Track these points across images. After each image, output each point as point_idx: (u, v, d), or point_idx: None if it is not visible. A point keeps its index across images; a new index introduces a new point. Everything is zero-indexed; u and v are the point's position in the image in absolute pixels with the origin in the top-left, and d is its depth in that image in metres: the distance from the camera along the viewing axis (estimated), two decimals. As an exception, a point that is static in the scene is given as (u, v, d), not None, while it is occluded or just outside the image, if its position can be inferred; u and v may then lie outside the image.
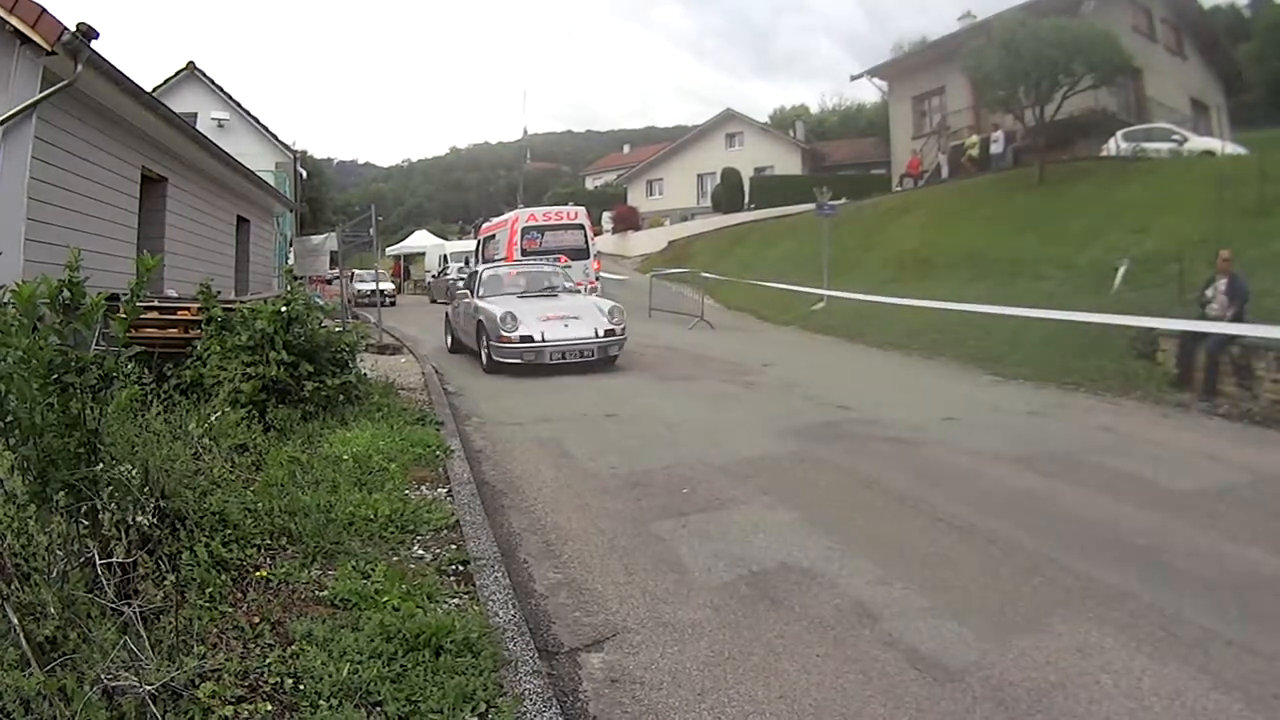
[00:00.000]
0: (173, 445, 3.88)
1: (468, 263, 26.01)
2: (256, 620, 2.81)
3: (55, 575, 2.46)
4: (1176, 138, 18.93)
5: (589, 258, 18.51)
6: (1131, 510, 4.44)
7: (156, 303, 7.09)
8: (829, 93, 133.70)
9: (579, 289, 12.03)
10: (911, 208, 20.43)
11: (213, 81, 22.85)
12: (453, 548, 3.76)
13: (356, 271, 26.38)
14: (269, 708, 2.28)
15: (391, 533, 3.89)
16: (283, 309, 5.99)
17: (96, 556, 2.58)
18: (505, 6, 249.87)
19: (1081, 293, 11.05)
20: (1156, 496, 4.71)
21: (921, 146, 27.28)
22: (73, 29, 7.12)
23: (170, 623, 2.50)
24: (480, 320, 10.42)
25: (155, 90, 16.65)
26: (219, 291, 6.65)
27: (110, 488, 2.74)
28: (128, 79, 8.54)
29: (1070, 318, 8.93)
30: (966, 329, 11.01)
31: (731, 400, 8.05)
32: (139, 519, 2.84)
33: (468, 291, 11.58)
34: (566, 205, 23.26)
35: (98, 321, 2.74)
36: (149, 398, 4.62)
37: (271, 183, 19.46)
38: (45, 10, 6.95)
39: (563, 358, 9.74)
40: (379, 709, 2.35)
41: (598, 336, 9.91)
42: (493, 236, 20.48)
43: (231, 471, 4.28)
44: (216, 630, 2.69)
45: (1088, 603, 3.28)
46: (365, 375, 7.36)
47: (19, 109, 7.09)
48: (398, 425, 6.05)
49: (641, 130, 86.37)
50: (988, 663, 2.83)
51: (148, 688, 2.11)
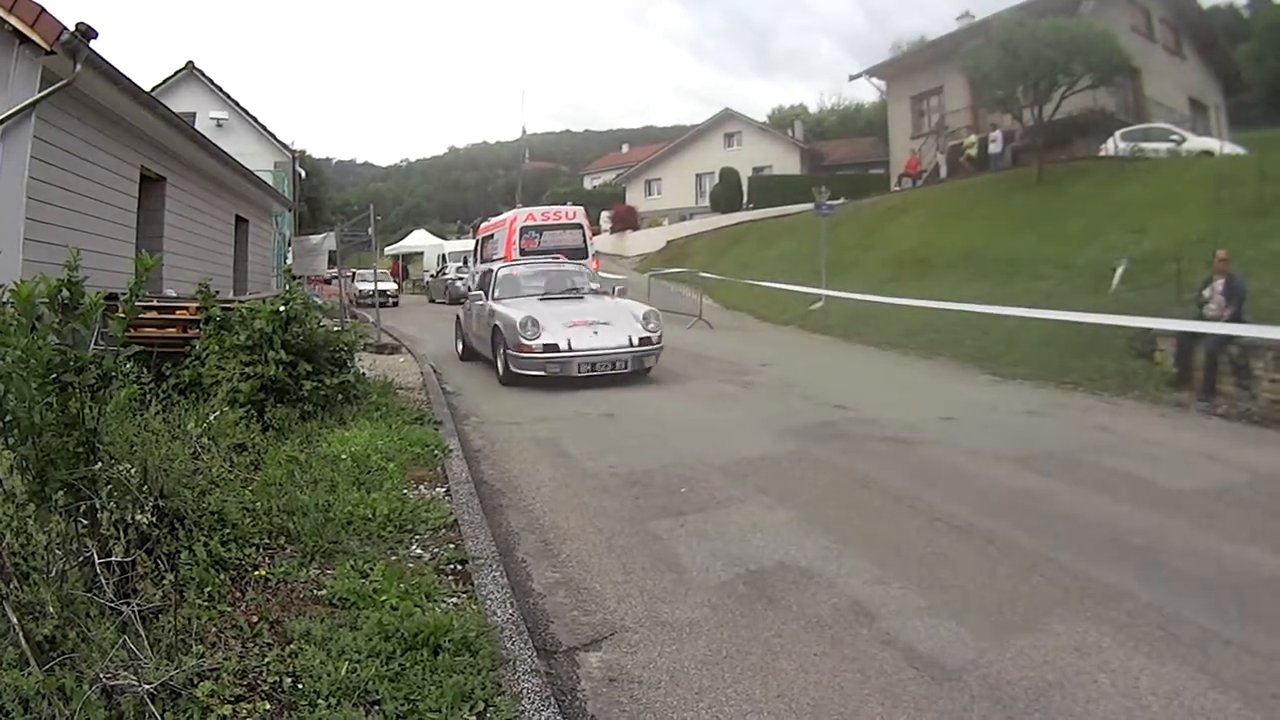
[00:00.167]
0: (171, 444, 3.89)
1: (466, 262, 26.02)
2: (255, 619, 2.81)
3: (54, 574, 2.46)
4: (1175, 138, 18.95)
5: (587, 257, 18.50)
6: (1129, 510, 4.45)
7: (155, 302, 7.08)
8: (827, 92, 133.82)
9: (606, 290, 10.82)
10: (910, 207, 20.42)
11: (211, 81, 22.87)
12: (451, 547, 3.77)
13: (358, 271, 26.01)
14: (267, 707, 2.28)
15: (390, 532, 3.89)
16: (281, 308, 5.99)
17: (95, 555, 2.59)
18: (504, 6, 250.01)
19: (1079, 292, 11.05)
20: (1154, 496, 4.71)
21: (920, 146, 27.29)
22: (72, 28, 7.12)
23: (169, 622, 2.50)
24: (496, 326, 9.37)
25: (154, 90, 16.63)
26: (217, 291, 6.66)
27: (109, 487, 2.74)
28: (127, 78, 8.54)
29: (1068, 318, 8.94)
30: (965, 328, 11.02)
31: (730, 400, 8.06)
32: (138, 518, 2.84)
33: (481, 293, 10.49)
34: (565, 205, 23.27)
35: (96, 321, 2.74)
36: (147, 397, 4.62)
37: (270, 182, 19.46)
38: (44, 10, 6.95)
39: (592, 369, 8.75)
40: (377, 708, 2.35)
41: (631, 345, 8.88)
42: (491, 236, 20.46)
43: (230, 471, 4.29)
44: (215, 629, 2.69)
45: (1085, 602, 3.29)
46: (363, 375, 7.37)
47: (18, 108, 7.09)
48: (396, 425, 6.05)
49: (640, 130, 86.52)
50: (985, 662, 2.84)
51: (146, 687, 2.11)
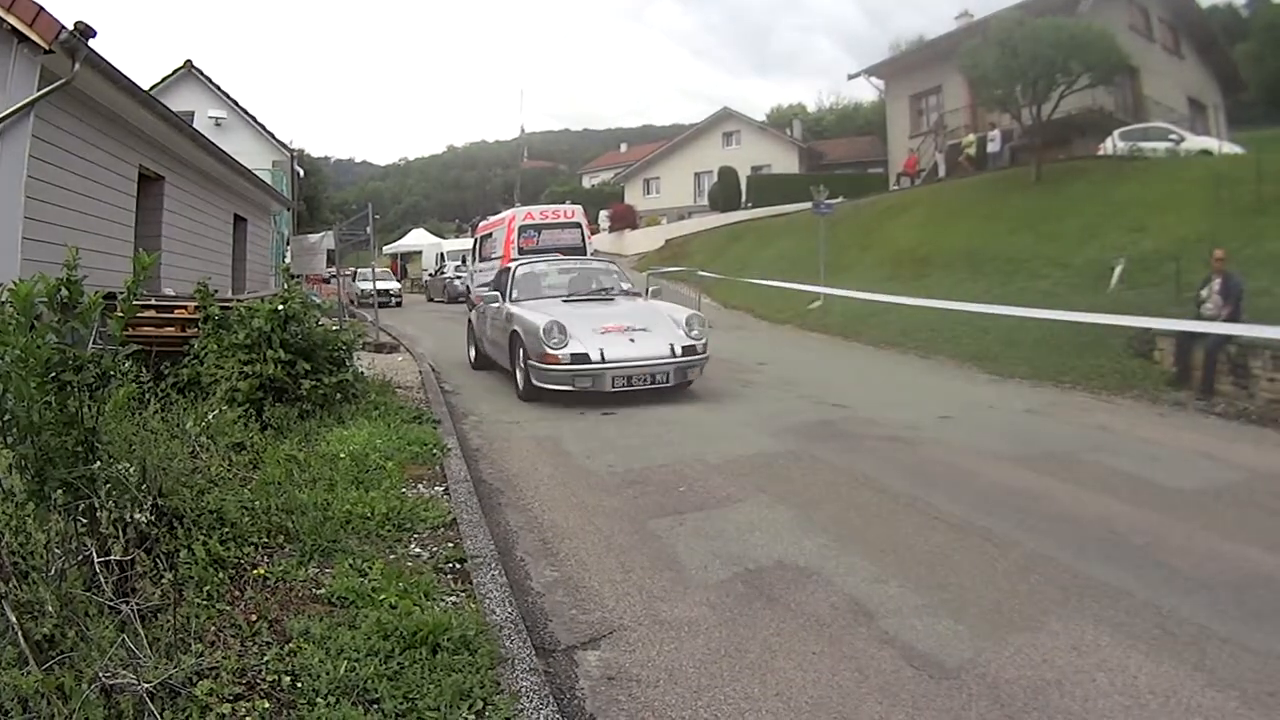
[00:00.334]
0: (170, 443, 3.89)
1: (464, 261, 26.01)
2: (254, 618, 2.81)
3: (53, 573, 2.46)
4: (1173, 137, 18.96)
5: (586, 256, 18.54)
6: (1128, 509, 4.46)
7: (154, 301, 7.08)
8: (826, 91, 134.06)
9: (638, 291, 9.75)
10: (908, 206, 20.43)
11: (210, 80, 22.84)
12: (450, 546, 3.77)
13: (359, 270, 25.20)
14: (266, 705, 2.28)
15: (388, 531, 3.89)
16: (280, 307, 5.99)
17: (94, 554, 2.59)
18: (502, 5, 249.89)
19: (1078, 292, 11.06)
20: (1153, 495, 4.72)
21: (918, 145, 27.31)
22: (70, 27, 7.12)
23: (168, 621, 2.50)
24: (515, 332, 8.20)
25: (153, 89, 16.63)
26: (216, 290, 6.66)
27: (108, 486, 2.74)
28: (125, 77, 8.53)
29: (1067, 317, 8.94)
30: (963, 328, 11.02)
31: (728, 398, 8.06)
32: (137, 517, 2.84)
33: (497, 294, 9.29)
34: (563, 204, 23.28)
35: (95, 320, 2.74)
36: (146, 396, 4.62)
37: (268, 181, 19.45)
38: (43, 9, 6.95)
39: (628, 384, 7.62)
40: (376, 706, 2.35)
41: (674, 355, 7.70)
42: (489, 235, 20.44)
43: (229, 470, 4.29)
44: (214, 628, 2.69)
45: (1084, 601, 3.29)
46: (362, 373, 7.36)
47: (16, 107, 7.08)
48: (395, 423, 6.05)
49: (638, 129, 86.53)
50: (983, 660, 2.84)
51: (145, 685, 2.11)
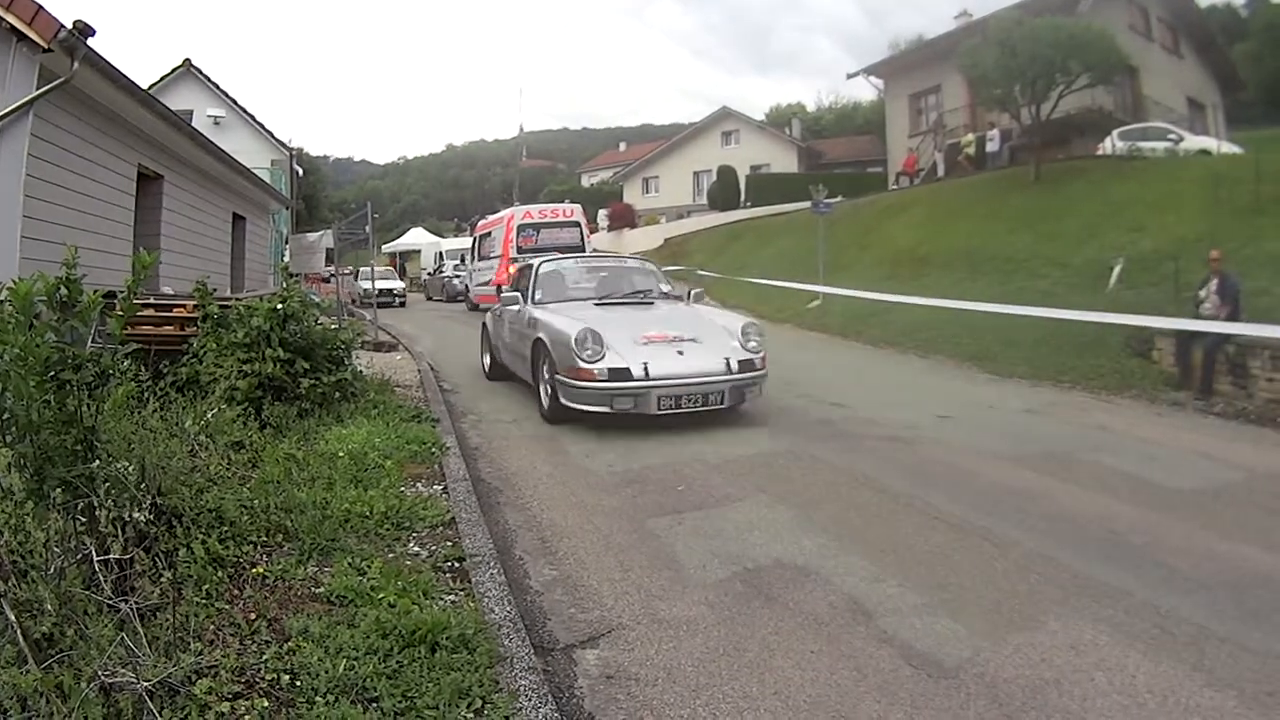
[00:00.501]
0: (169, 442, 3.88)
1: (463, 260, 26.02)
2: (253, 617, 2.81)
3: (52, 572, 2.47)
4: (1172, 137, 18.98)
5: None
6: (1126, 508, 4.46)
7: (153, 300, 7.07)
8: (825, 90, 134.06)
9: (679, 295, 8.53)
10: (907, 206, 20.42)
11: (209, 79, 22.84)
12: (448, 544, 3.77)
13: (361, 269, 24.80)
14: (265, 704, 2.29)
15: (387, 529, 3.89)
16: (279, 306, 5.99)
17: (93, 553, 2.59)
18: (501, 3, 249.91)
19: (1077, 291, 11.06)
20: (1152, 495, 4.73)
21: (918, 145, 27.31)
22: (69, 26, 7.12)
23: (167, 619, 2.51)
24: (540, 340, 6.96)
25: (151, 87, 16.65)
26: (215, 289, 6.65)
27: (107, 484, 2.74)
28: (124, 76, 8.53)
29: (1066, 316, 8.95)
30: (962, 327, 11.02)
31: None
32: (136, 516, 2.84)
33: (517, 295, 8.15)
34: (562, 203, 23.33)
35: (94, 319, 2.74)
36: (145, 395, 4.62)
37: (267, 180, 19.45)
38: (42, 7, 6.95)
39: (675, 405, 6.32)
40: (375, 705, 2.35)
41: (729, 371, 6.52)
42: (488, 234, 20.51)
43: (228, 468, 4.29)
44: (213, 627, 2.70)
45: (1082, 600, 3.30)
46: (361, 372, 7.36)
47: (15, 106, 7.08)
48: (393, 422, 6.05)
49: (637, 128, 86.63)
50: (982, 659, 2.85)
51: (145, 684, 2.12)
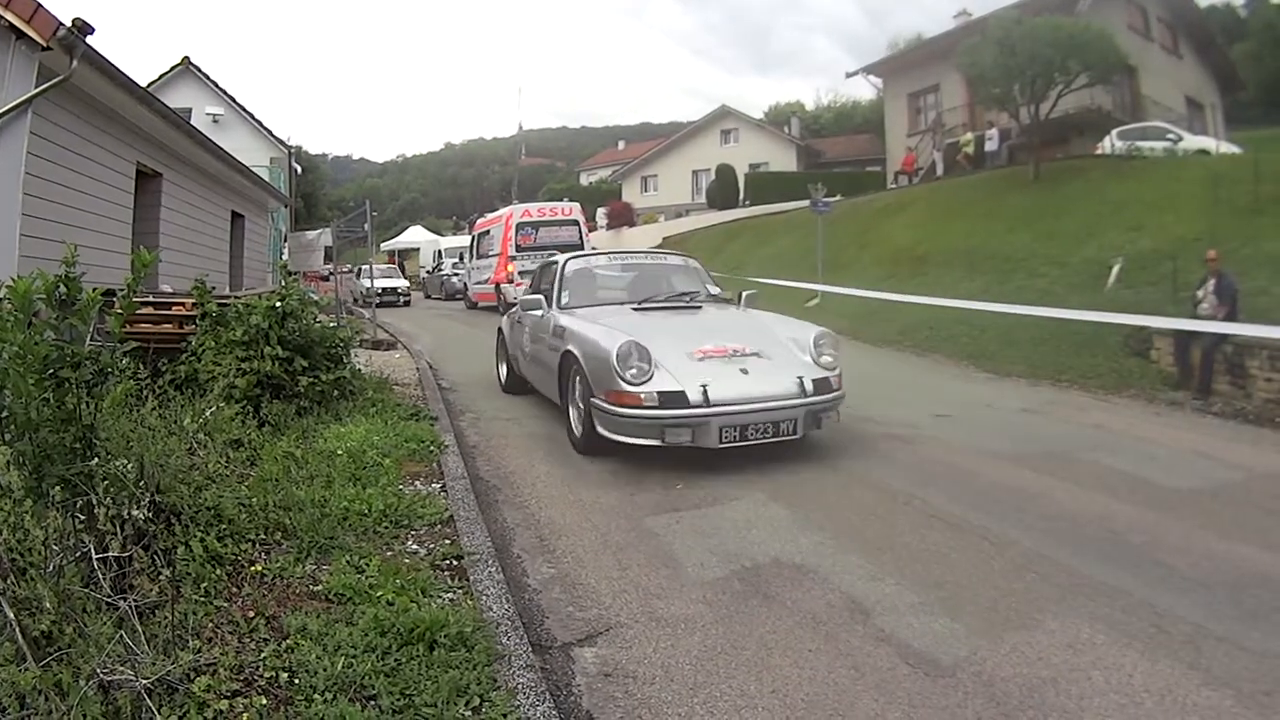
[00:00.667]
0: (168, 440, 3.89)
1: (462, 259, 26.01)
2: (251, 615, 2.82)
3: (51, 570, 2.47)
4: (1171, 136, 18.99)
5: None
6: (1125, 508, 4.47)
7: (151, 298, 7.07)
8: (824, 89, 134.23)
9: (729, 297, 7.18)
10: (906, 205, 20.42)
11: (208, 77, 22.83)
12: (447, 543, 3.77)
13: (363, 266, 25.27)
14: (264, 702, 2.29)
15: (386, 528, 3.89)
16: (277, 304, 5.99)
17: (92, 551, 2.59)
18: (501, 2, 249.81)
19: (1075, 290, 11.07)
20: (1150, 494, 4.73)
21: (916, 144, 27.31)
22: (68, 24, 7.12)
23: (166, 617, 2.51)
24: (570, 354, 5.81)
25: (150, 85, 16.63)
26: (214, 287, 6.65)
27: (106, 483, 2.75)
28: (123, 74, 8.53)
29: (1065, 315, 8.95)
30: (961, 326, 11.03)
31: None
32: (134, 513, 2.85)
33: (539, 298, 7.00)
34: (561, 201, 23.31)
35: (93, 317, 2.74)
36: (144, 393, 4.63)
37: (266, 178, 19.43)
38: (41, 5, 6.95)
39: (740, 436, 5.07)
40: (373, 703, 2.36)
41: (804, 393, 5.26)
42: (487, 232, 20.50)
43: (226, 466, 4.29)
44: (212, 625, 2.70)
45: (1080, 599, 3.30)
46: (359, 370, 7.36)
47: (14, 104, 7.08)
48: (392, 420, 6.05)
49: (636, 126, 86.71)
50: (979, 658, 2.85)
51: (143, 682, 2.12)
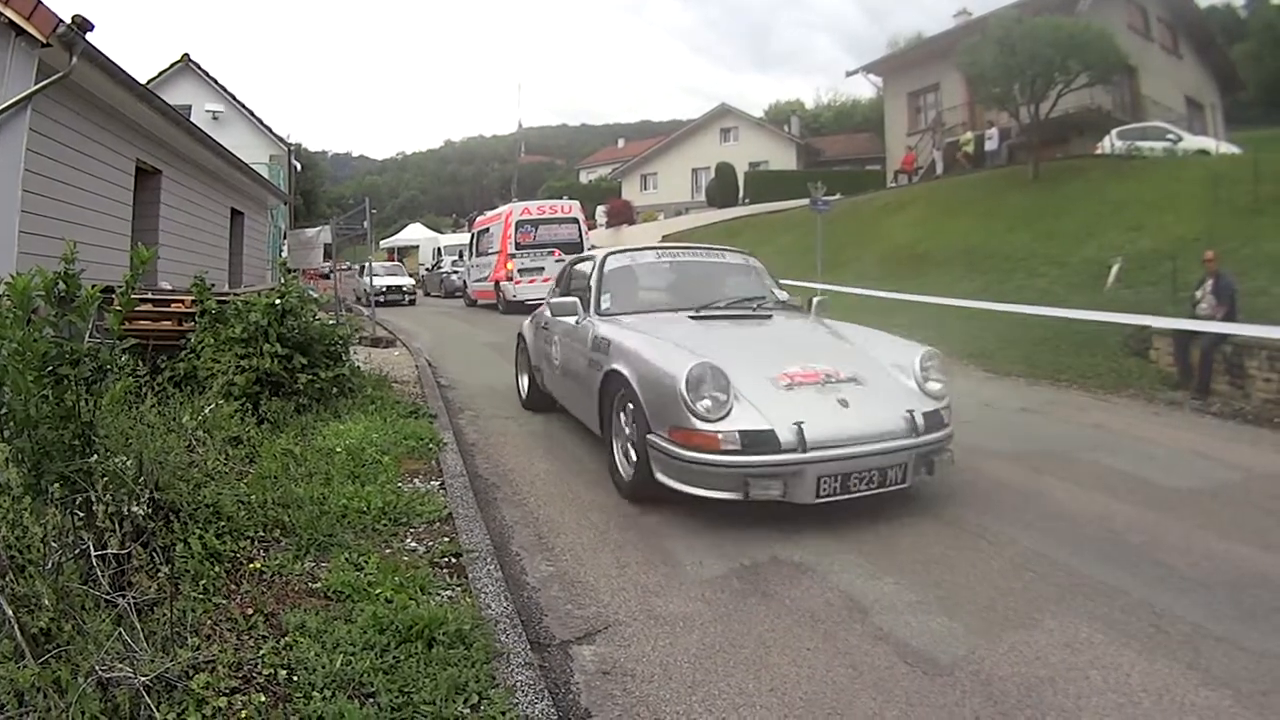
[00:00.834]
0: (166, 437, 3.88)
1: (461, 256, 25.99)
2: (250, 612, 2.82)
3: (50, 567, 2.46)
4: (1171, 136, 19.02)
5: (583, 252, 18.59)
6: (1124, 507, 4.47)
7: (150, 295, 7.07)
8: (824, 88, 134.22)
9: (798, 304, 6.11)
10: (906, 204, 20.43)
11: (207, 74, 22.81)
12: (445, 540, 3.77)
13: (367, 264, 24.88)
14: (262, 699, 2.29)
15: (384, 525, 3.89)
16: (276, 301, 5.98)
17: (91, 548, 2.59)
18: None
19: (1075, 290, 11.09)
20: (1148, 494, 4.73)
21: (916, 143, 27.33)
22: (68, 21, 7.11)
23: (164, 614, 2.51)
24: (617, 375, 4.68)
25: (150, 82, 16.60)
26: (213, 284, 6.64)
27: (104, 479, 2.75)
28: (122, 71, 8.52)
29: (1064, 315, 8.96)
30: (960, 325, 11.03)
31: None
32: (133, 510, 2.85)
33: (573, 302, 5.78)
34: (560, 199, 23.32)
35: (92, 314, 2.74)
36: (143, 390, 4.61)
37: (266, 175, 19.41)
38: (40, 2, 6.95)
39: (842, 488, 4.03)
40: (372, 700, 2.36)
41: (915, 430, 4.20)
42: (486, 230, 20.51)
43: (225, 464, 4.29)
44: (210, 622, 2.70)
45: (1078, 599, 3.30)
46: (359, 368, 7.36)
47: (13, 101, 7.08)
48: (391, 418, 6.04)
49: (636, 124, 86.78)
50: (977, 657, 2.85)
51: (142, 679, 2.12)
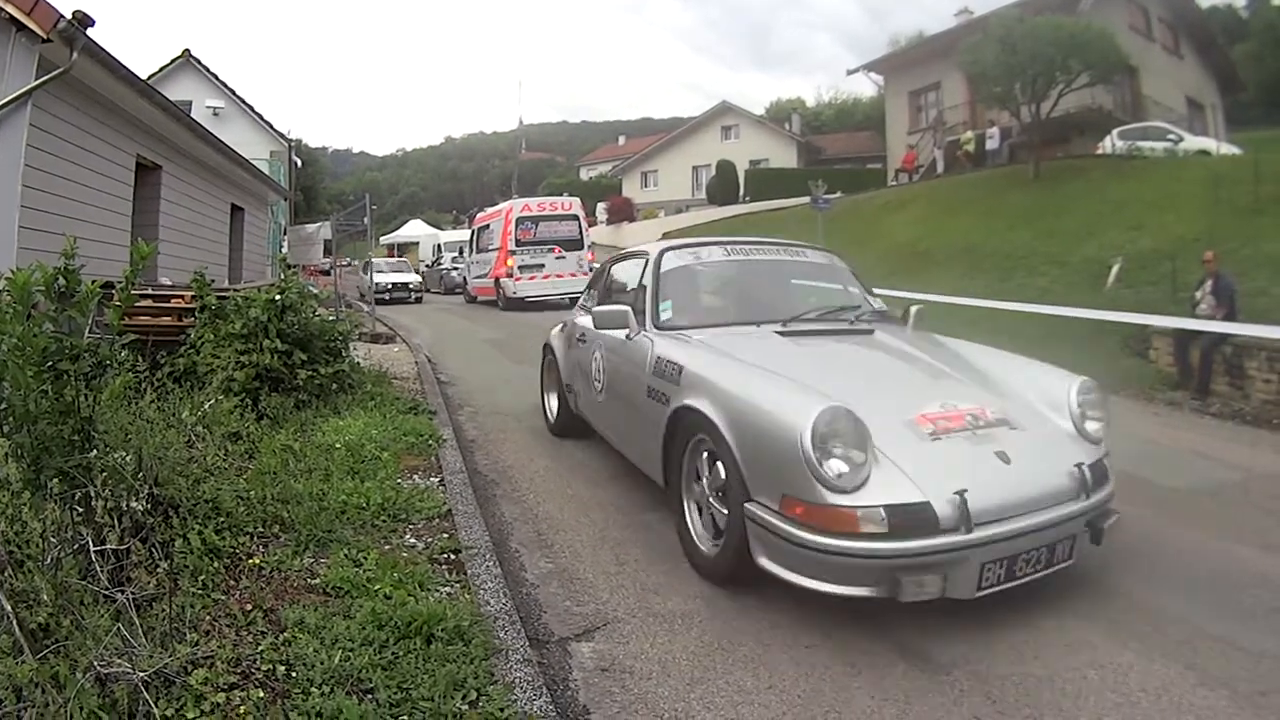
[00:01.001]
0: (166, 433, 3.88)
1: (461, 253, 25.97)
2: (249, 608, 2.82)
3: (49, 562, 2.47)
4: (1172, 137, 19.01)
5: (583, 249, 18.62)
6: (1123, 506, 4.42)
7: (150, 291, 7.07)
8: (825, 86, 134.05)
9: (893, 314, 4.92)
10: (907, 202, 20.42)
11: (208, 69, 22.77)
12: (444, 536, 3.77)
13: (374, 260, 24.22)
14: (261, 694, 2.29)
15: (383, 521, 3.89)
16: (276, 297, 5.98)
17: (90, 543, 2.59)
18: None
19: (1075, 289, 11.07)
20: (1148, 494, 4.72)
21: (917, 141, 27.31)
22: (69, 16, 7.09)
23: (163, 610, 2.51)
24: (696, 415, 3.50)
25: (151, 78, 16.59)
26: (213, 280, 6.64)
27: (104, 475, 2.74)
28: (123, 67, 8.50)
29: (1064, 313, 8.95)
30: (960, 323, 10.99)
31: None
32: (132, 506, 2.85)
33: (623, 312, 4.63)
34: (561, 196, 23.32)
35: (92, 309, 2.74)
36: (143, 385, 4.61)
37: (266, 171, 19.39)
38: (41, -3, 6.92)
39: (1008, 575, 2.99)
40: (370, 696, 2.36)
41: (1084, 489, 3.26)
42: (487, 226, 20.49)
43: (224, 459, 4.29)
44: (209, 617, 2.70)
45: (1076, 599, 3.31)
46: (358, 364, 7.35)
47: (14, 96, 7.06)
48: (390, 414, 6.04)
49: (637, 121, 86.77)
50: (975, 656, 2.85)
51: (140, 674, 2.12)
